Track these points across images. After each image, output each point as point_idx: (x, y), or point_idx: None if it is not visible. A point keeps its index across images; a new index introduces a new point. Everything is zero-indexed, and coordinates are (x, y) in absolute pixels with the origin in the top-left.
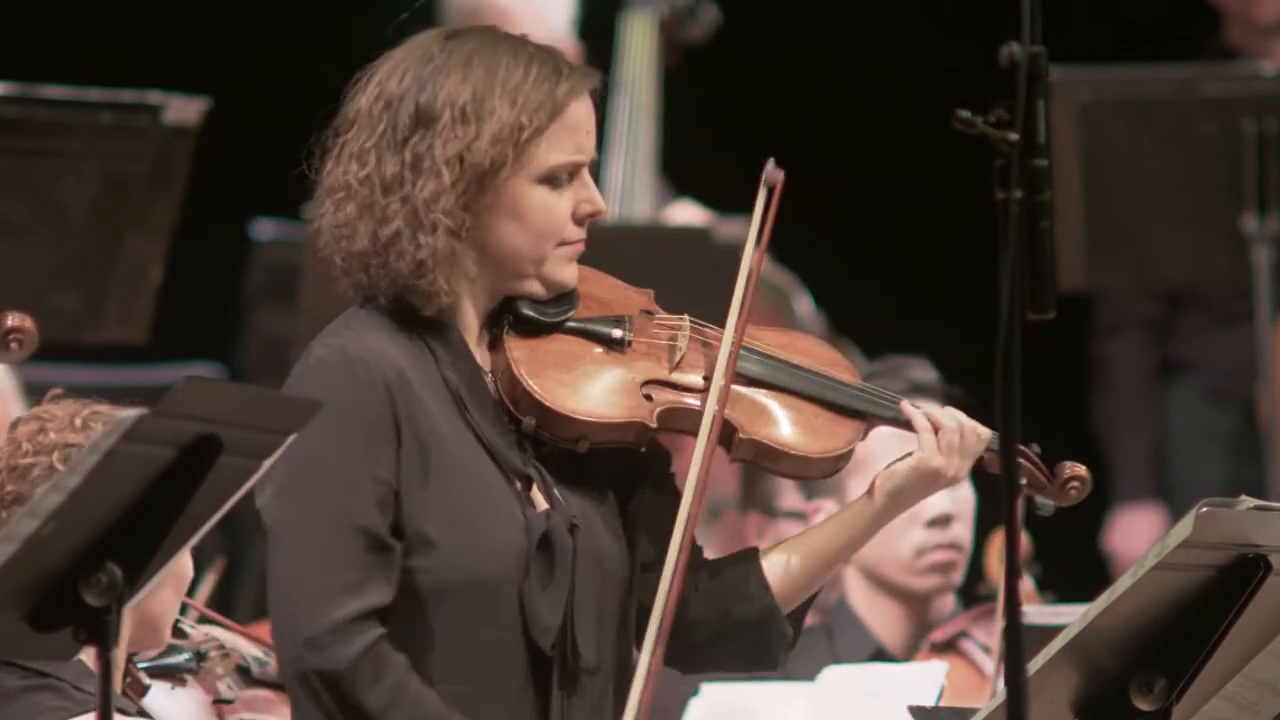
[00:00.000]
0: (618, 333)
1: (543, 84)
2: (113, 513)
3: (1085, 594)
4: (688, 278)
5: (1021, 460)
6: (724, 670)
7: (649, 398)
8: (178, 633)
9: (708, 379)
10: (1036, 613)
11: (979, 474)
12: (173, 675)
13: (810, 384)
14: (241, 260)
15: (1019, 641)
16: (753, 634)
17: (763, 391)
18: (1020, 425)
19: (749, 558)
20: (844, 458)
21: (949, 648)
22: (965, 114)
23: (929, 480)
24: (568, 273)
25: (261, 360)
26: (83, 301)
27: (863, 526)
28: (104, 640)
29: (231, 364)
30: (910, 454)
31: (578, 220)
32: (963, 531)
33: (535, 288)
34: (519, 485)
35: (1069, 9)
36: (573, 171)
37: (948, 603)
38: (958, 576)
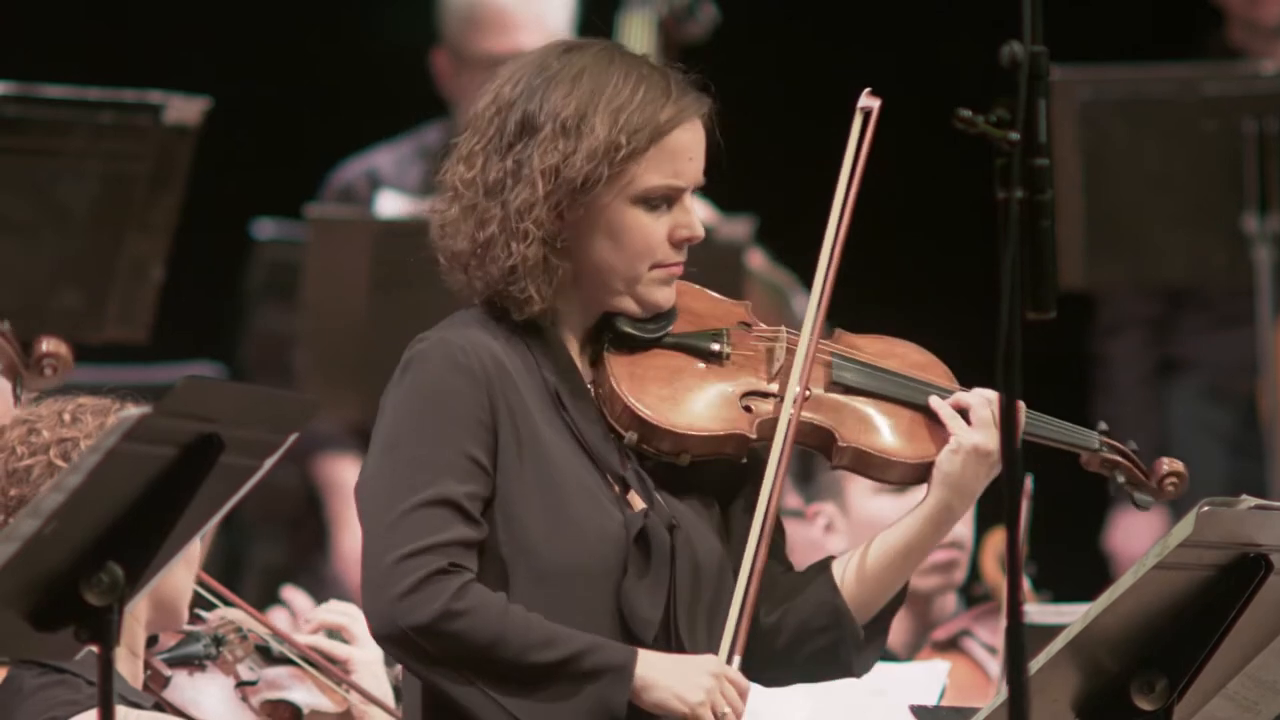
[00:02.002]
0: (715, 346)
1: (647, 106)
2: (114, 512)
3: (1085, 593)
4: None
5: (1120, 458)
6: (803, 679)
7: (748, 409)
8: (193, 617)
9: (806, 387)
10: (1038, 612)
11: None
12: (192, 663)
13: (904, 389)
14: (242, 259)
15: (1021, 641)
16: (826, 638)
17: (860, 399)
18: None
19: (822, 566)
20: None
21: (951, 646)
22: (966, 113)
23: (975, 459)
24: (662, 294)
25: (262, 359)
26: (84, 301)
27: (932, 522)
28: (105, 640)
29: (232, 363)
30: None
31: (674, 244)
32: (963, 530)
33: (630, 305)
34: (616, 488)
35: (1070, 8)
36: (671, 196)
37: (949, 601)
38: (959, 575)
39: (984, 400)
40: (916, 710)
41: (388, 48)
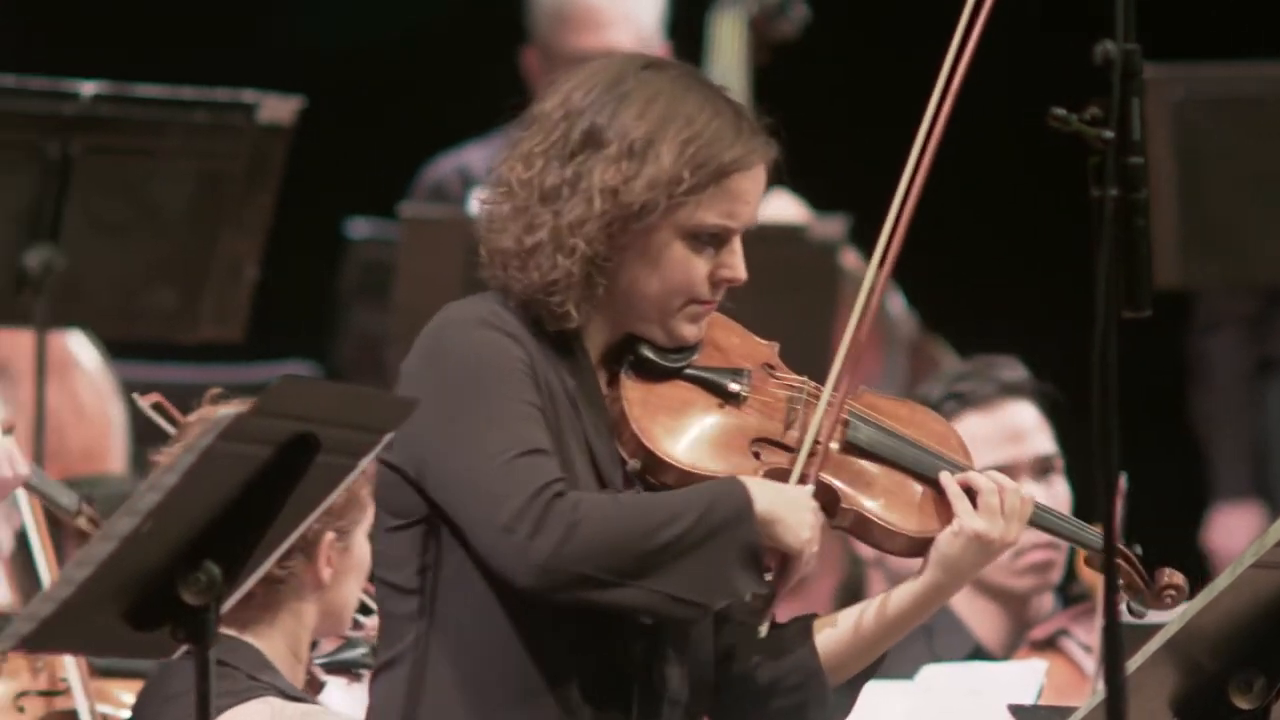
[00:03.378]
0: (734, 386)
1: (715, 144)
2: (210, 511)
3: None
4: (780, 277)
5: (1121, 562)
6: None
7: (757, 455)
8: (353, 624)
9: (819, 443)
10: None
11: (1072, 471)
12: (349, 670)
13: (917, 458)
14: (336, 258)
15: (1118, 640)
16: (796, 696)
17: (872, 462)
18: (1117, 422)
19: (805, 624)
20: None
21: (1048, 646)
22: (1060, 112)
23: (976, 547)
24: (690, 330)
25: (356, 358)
26: (179, 300)
27: (920, 600)
28: (201, 639)
29: (327, 362)
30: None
31: (713, 283)
32: None
33: (657, 334)
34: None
35: (1164, 6)
36: (721, 236)
37: (1046, 601)
38: (1056, 575)
39: (993, 487)
40: (1014, 709)
41: (476, 45)
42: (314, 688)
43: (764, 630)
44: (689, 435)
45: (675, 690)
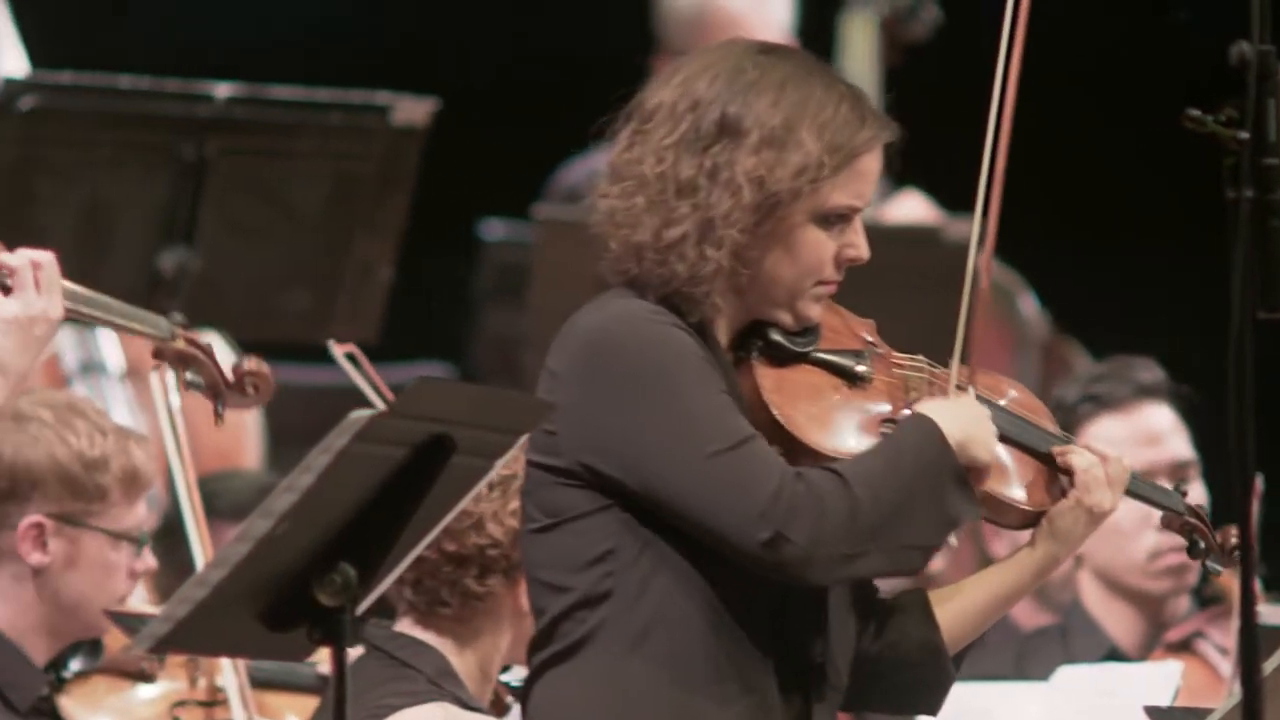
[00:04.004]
0: (862, 368)
1: (846, 127)
2: (346, 513)
3: None
4: (914, 278)
5: (1196, 522)
6: (883, 710)
7: (885, 436)
8: None
9: None
10: (1271, 613)
11: (1208, 472)
12: None
13: (1027, 434)
14: (470, 260)
15: (1255, 642)
16: (918, 673)
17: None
18: (1253, 424)
19: (919, 597)
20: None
21: (1184, 648)
22: (1195, 113)
23: (1088, 517)
24: (815, 310)
25: (491, 360)
26: (313, 301)
27: (1035, 572)
28: (337, 641)
29: (461, 364)
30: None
31: (838, 263)
32: None
33: (785, 318)
34: None
35: None
36: (848, 216)
37: (1182, 603)
38: (1192, 578)
39: (1098, 459)
40: (1151, 711)
41: (611, 49)
42: (499, 709)
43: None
44: (828, 420)
45: (839, 676)
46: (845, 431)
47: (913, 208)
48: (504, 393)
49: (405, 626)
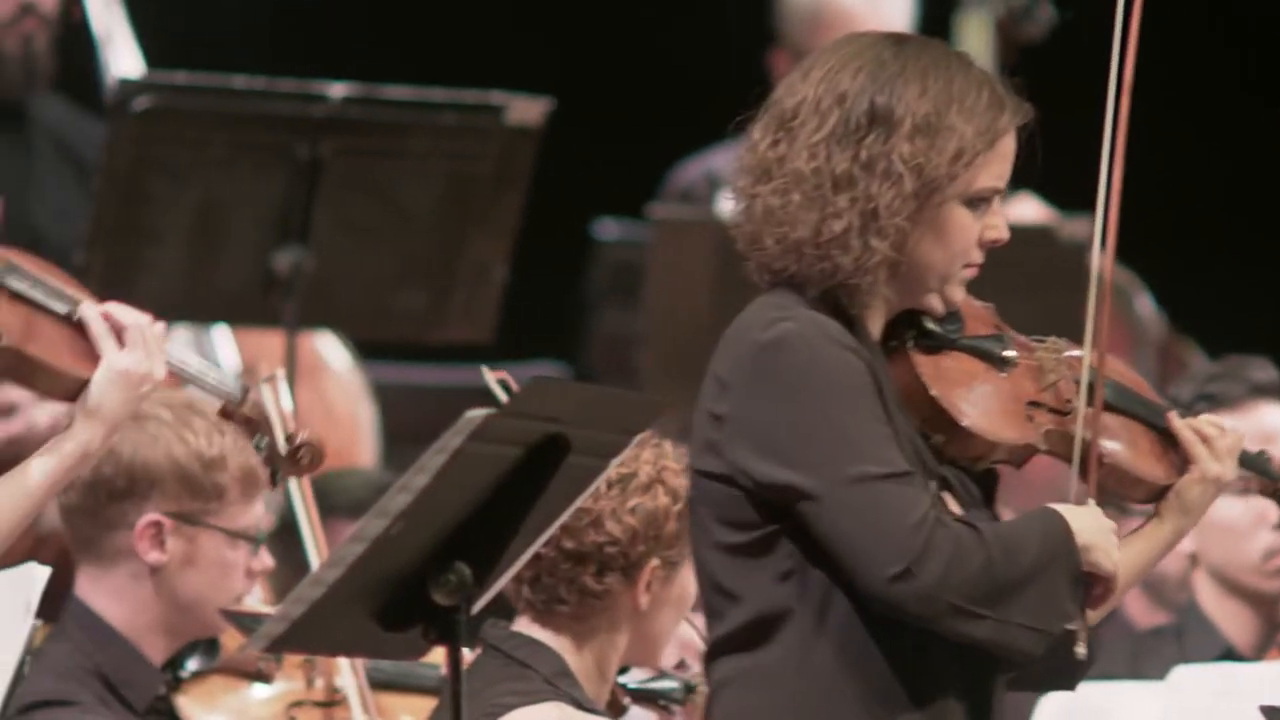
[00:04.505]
0: (1008, 353)
1: (990, 109)
2: (461, 512)
3: None
4: (1029, 277)
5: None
6: (1021, 688)
7: (1031, 419)
8: (681, 664)
9: (1070, 401)
10: None
11: None
12: (656, 702)
13: (1146, 409)
14: (584, 260)
15: None
16: (1056, 650)
17: (1116, 415)
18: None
19: None
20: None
21: None
22: None
23: (1212, 490)
24: (960, 294)
25: (605, 360)
26: (427, 301)
27: (1166, 547)
28: (453, 640)
29: (576, 363)
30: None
31: (981, 245)
32: None
33: (936, 304)
34: (935, 487)
35: None
36: (990, 197)
37: None
38: None
39: (1218, 431)
40: (1267, 710)
41: (725, 46)
42: (615, 710)
43: (1082, 651)
44: (983, 406)
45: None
46: (998, 415)
47: (1026, 209)
48: (618, 392)
49: (522, 626)
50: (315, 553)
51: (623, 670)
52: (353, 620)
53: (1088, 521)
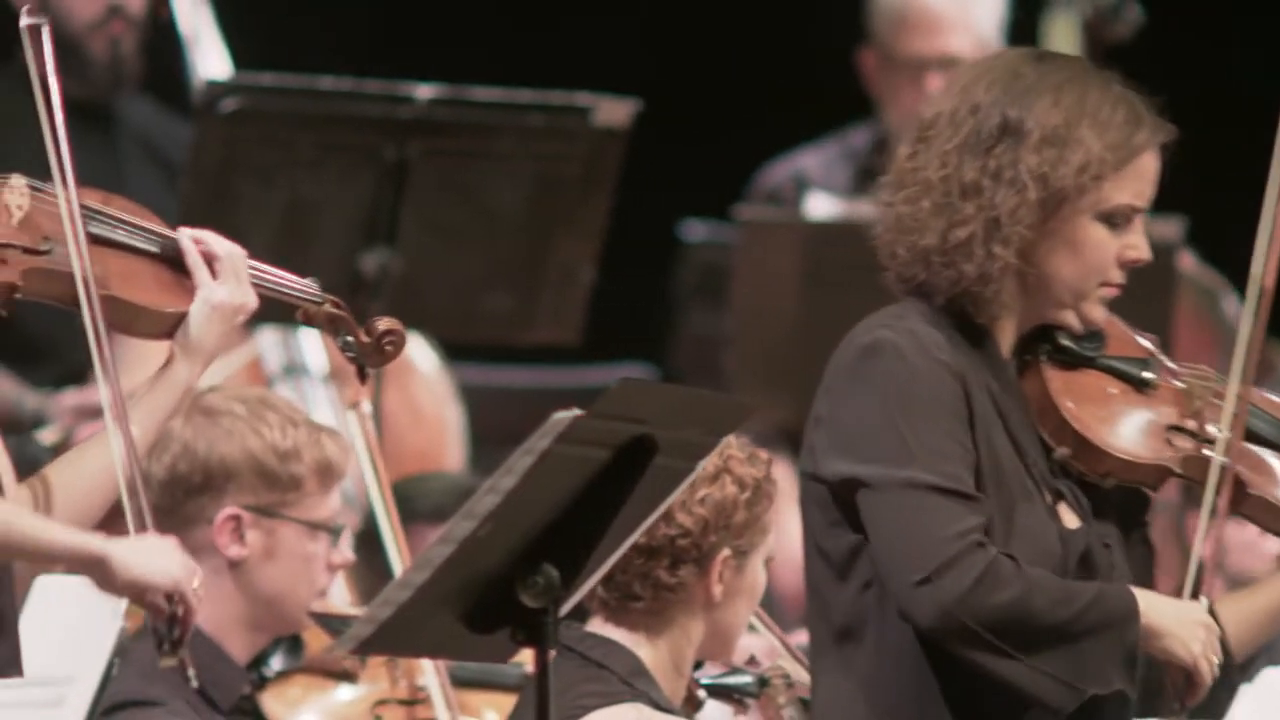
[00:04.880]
0: (1148, 375)
1: (1125, 126)
2: (548, 514)
3: None
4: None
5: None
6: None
7: (1169, 443)
8: (751, 661)
9: (1213, 429)
10: None
11: None
12: (731, 696)
13: None
14: (671, 261)
15: None
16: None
17: (1263, 449)
18: None
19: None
20: None
21: None
22: None
23: None
24: (1099, 313)
25: (693, 361)
26: (515, 303)
27: None
28: (541, 642)
29: (663, 365)
30: None
31: (1120, 264)
32: None
33: (1070, 320)
34: (1049, 498)
35: None
36: (1130, 216)
37: None
38: None
39: None
40: None
41: (814, 48)
42: (691, 704)
43: None
44: (1118, 424)
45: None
46: (1132, 434)
47: None
48: (705, 394)
49: (597, 626)
50: (398, 558)
51: (696, 665)
52: (440, 622)
53: (1170, 610)
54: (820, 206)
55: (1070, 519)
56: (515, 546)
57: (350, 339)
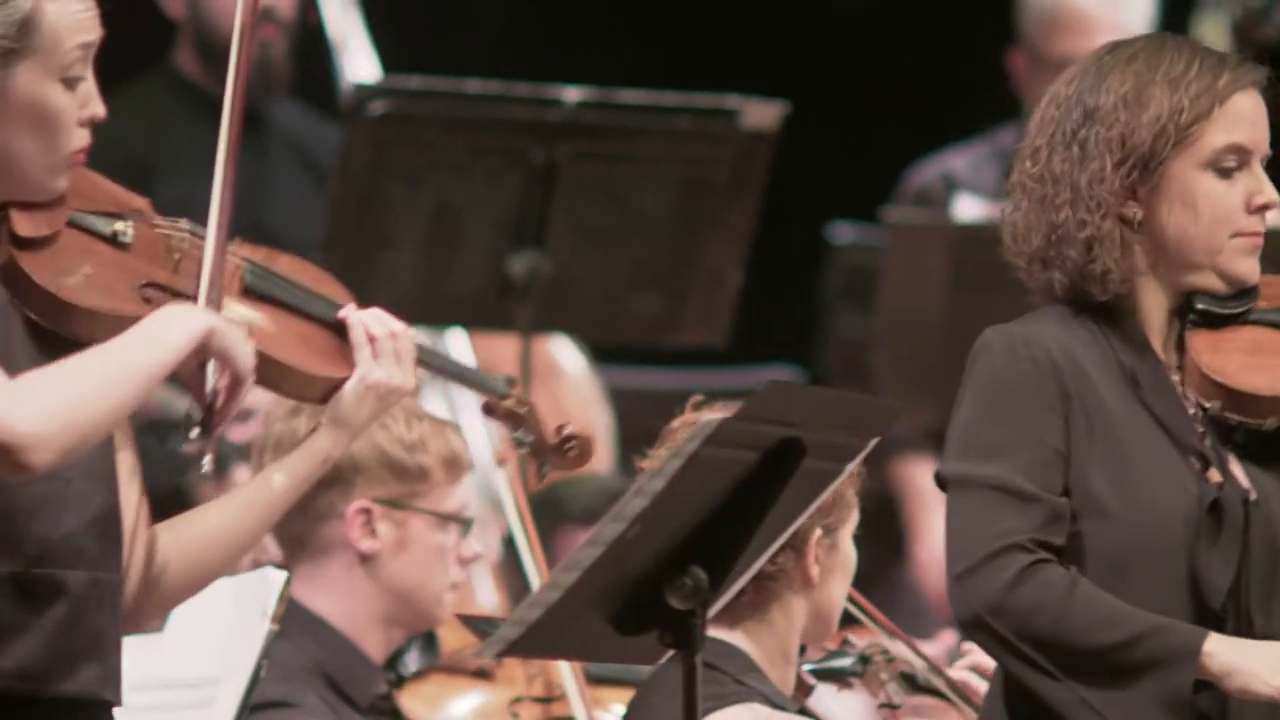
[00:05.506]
0: None
1: (1205, 75)
2: (696, 516)
3: None
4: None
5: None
6: None
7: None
8: (843, 642)
9: None
10: None
11: None
12: (838, 678)
13: None
14: (819, 263)
15: None
16: None
17: None
18: None
19: None
20: None
21: None
22: None
23: None
24: (1245, 266)
25: (840, 364)
26: (662, 305)
27: None
28: (689, 644)
29: (811, 367)
30: None
31: (1250, 211)
32: None
33: (1212, 281)
34: (1196, 464)
35: None
36: (1240, 159)
37: None
38: None
39: None
40: None
41: (962, 48)
42: (803, 690)
43: None
44: (1264, 366)
45: (1261, 627)
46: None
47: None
48: (853, 396)
49: None
50: (534, 570)
51: (802, 650)
52: (588, 624)
53: (1249, 646)
54: (968, 208)
55: (1218, 479)
56: (663, 548)
57: (530, 438)
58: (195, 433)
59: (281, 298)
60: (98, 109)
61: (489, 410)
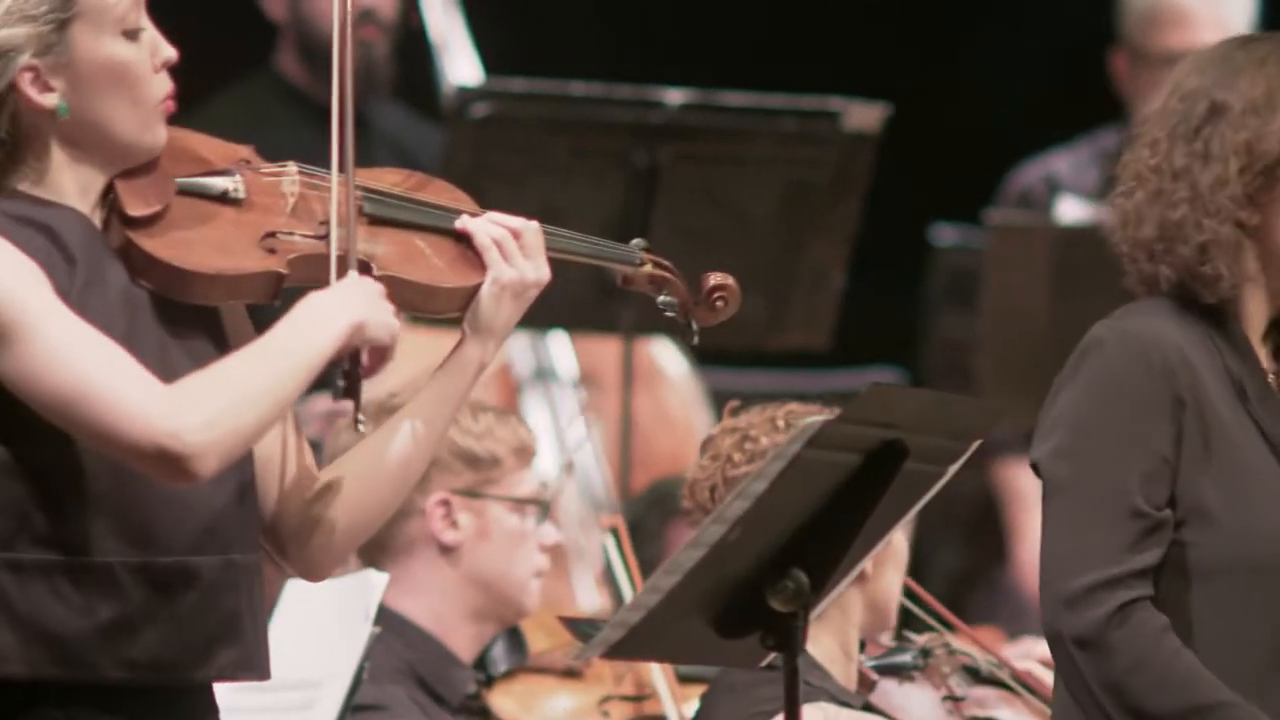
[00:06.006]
0: None
1: None
2: (798, 519)
3: None
4: None
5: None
6: None
7: None
8: (901, 638)
9: None
10: None
11: None
12: (900, 672)
13: None
14: (922, 265)
15: None
16: None
17: None
18: None
19: None
20: None
21: None
22: None
23: None
24: None
25: (943, 366)
26: (766, 307)
27: None
28: (790, 647)
29: (913, 369)
30: None
31: None
32: None
33: None
34: None
35: None
36: None
37: None
38: None
39: None
40: None
41: (1065, 49)
42: (865, 686)
43: None
44: None
45: None
46: None
47: None
48: (956, 398)
49: None
50: (625, 576)
51: (861, 646)
52: (689, 627)
53: None
54: (1070, 210)
55: None
56: (765, 551)
57: (674, 299)
58: (340, 392)
59: (403, 218)
60: (169, 52)
61: (628, 281)
